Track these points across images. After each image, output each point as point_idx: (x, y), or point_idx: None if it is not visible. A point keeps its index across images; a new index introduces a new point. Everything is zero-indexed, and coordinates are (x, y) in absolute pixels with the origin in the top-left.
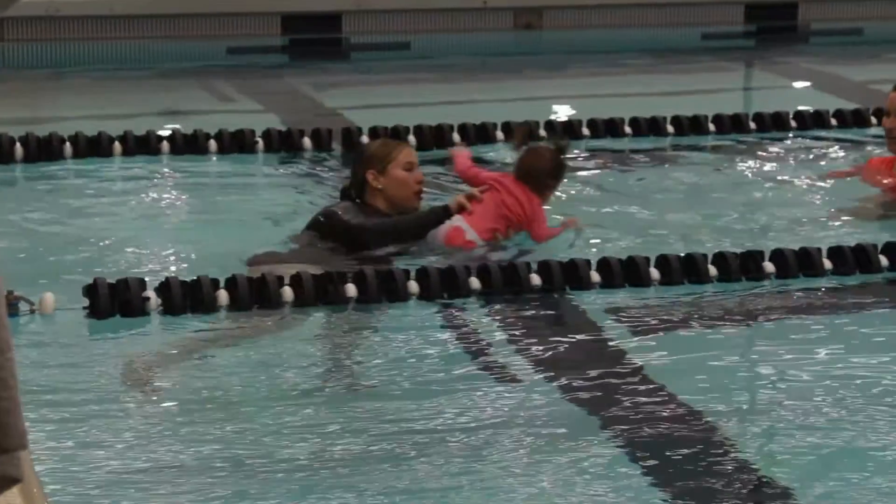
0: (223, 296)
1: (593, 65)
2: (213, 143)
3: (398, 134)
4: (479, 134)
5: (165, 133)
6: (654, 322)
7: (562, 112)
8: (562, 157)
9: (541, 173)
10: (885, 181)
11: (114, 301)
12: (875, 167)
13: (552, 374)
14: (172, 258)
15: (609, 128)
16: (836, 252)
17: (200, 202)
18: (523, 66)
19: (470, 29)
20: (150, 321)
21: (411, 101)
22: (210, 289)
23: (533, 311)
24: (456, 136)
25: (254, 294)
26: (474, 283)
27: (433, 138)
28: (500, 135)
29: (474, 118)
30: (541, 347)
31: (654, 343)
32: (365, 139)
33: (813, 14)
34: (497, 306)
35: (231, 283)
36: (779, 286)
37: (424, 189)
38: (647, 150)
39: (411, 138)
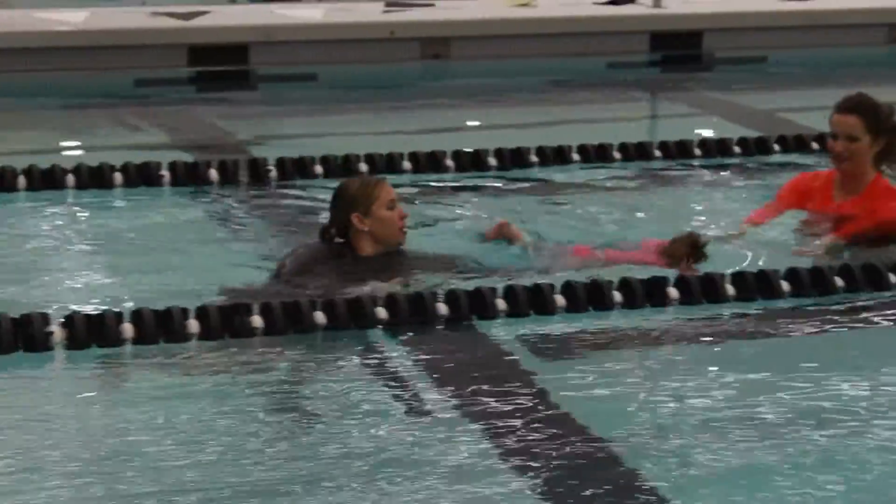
0: (128, 329)
1: (500, 94)
2: (118, 176)
3: (304, 165)
4: (387, 164)
5: (70, 166)
6: (560, 349)
7: (469, 142)
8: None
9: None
10: (825, 205)
11: (17, 336)
12: (808, 182)
13: (458, 403)
14: (77, 292)
15: (515, 157)
16: (738, 277)
17: (106, 235)
18: (431, 95)
19: (377, 60)
20: (53, 356)
21: (319, 132)
22: (114, 322)
23: (440, 341)
24: (363, 166)
25: (160, 327)
26: (381, 312)
27: (341, 169)
28: (406, 164)
29: (382, 148)
30: (447, 376)
31: (561, 370)
32: (271, 169)
33: (717, 43)
34: (405, 336)
35: (137, 316)
36: (684, 312)
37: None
38: (553, 179)
39: (318, 168)
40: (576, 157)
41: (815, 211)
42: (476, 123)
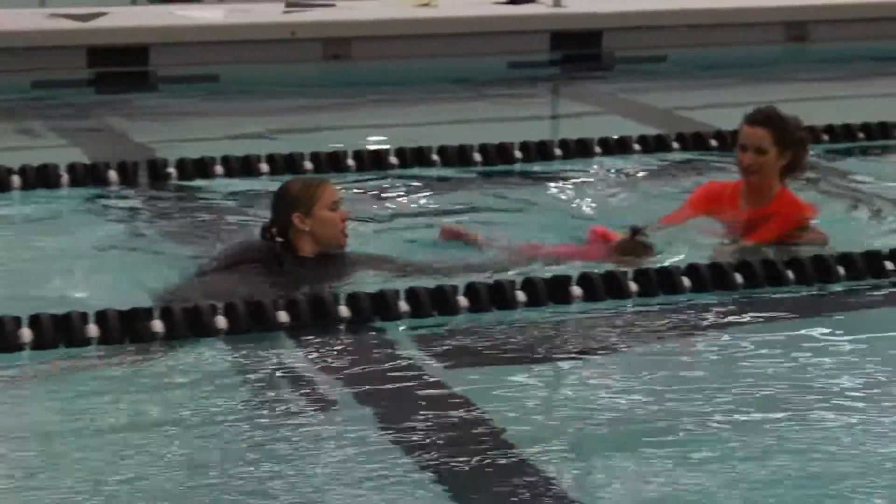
0: (26, 334)
1: (402, 94)
2: (16, 179)
3: (205, 165)
4: (287, 164)
5: None
6: (463, 349)
7: (371, 141)
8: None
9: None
10: (732, 214)
11: None
12: (717, 190)
13: (361, 405)
14: None
15: (418, 156)
16: (642, 274)
17: (4, 239)
18: (333, 96)
19: (279, 60)
20: None
21: (220, 134)
22: (13, 326)
23: (342, 342)
24: (264, 166)
25: (59, 332)
26: (282, 316)
27: (241, 169)
28: (308, 164)
29: (283, 149)
30: (349, 378)
31: (465, 370)
32: (172, 171)
33: (617, 42)
34: (306, 338)
35: (34, 321)
36: (588, 310)
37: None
38: (455, 177)
39: (218, 168)
40: (477, 156)
41: (722, 219)
42: (378, 123)
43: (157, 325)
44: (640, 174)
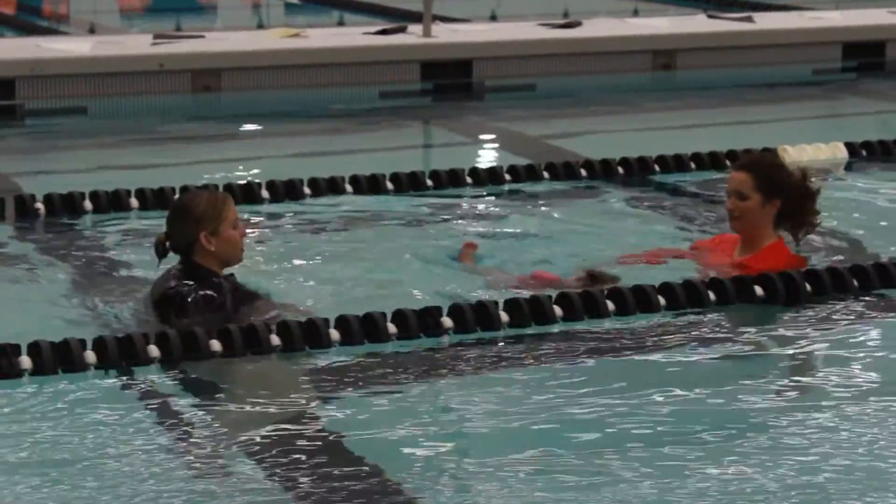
0: None
1: (271, 126)
2: None
3: (74, 201)
4: (156, 199)
5: None
6: (338, 382)
7: (241, 174)
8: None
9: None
10: (726, 261)
11: None
12: (720, 239)
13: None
14: None
15: (288, 189)
16: (512, 304)
17: None
18: (203, 128)
19: (148, 91)
20: None
21: (89, 167)
22: None
23: (210, 377)
24: (134, 202)
25: None
26: (153, 350)
27: (110, 204)
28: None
29: (153, 182)
30: (218, 412)
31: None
32: (40, 206)
33: (487, 71)
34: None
35: None
36: (457, 341)
37: None
38: (330, 207)
39: (87, 203)
40: (348, 188)
41: (703, 262)
42: (248, 155)
43: (25, 362)
44: (510, 205)
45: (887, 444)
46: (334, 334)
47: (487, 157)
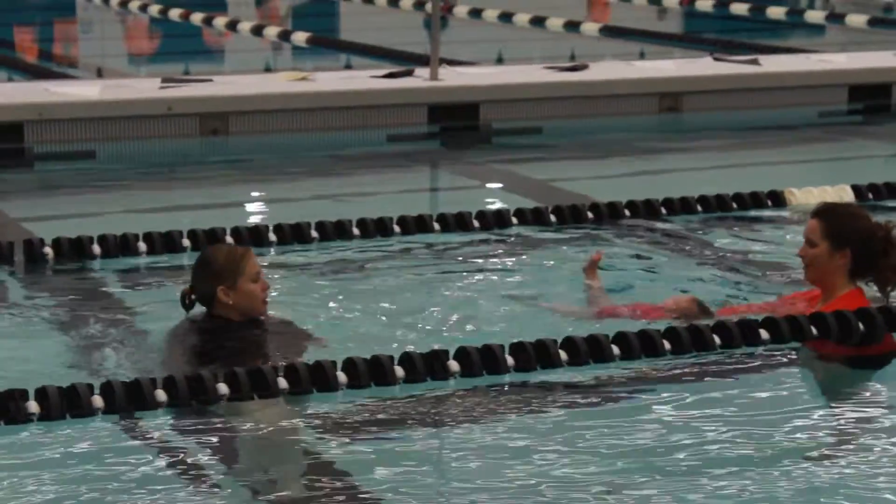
0: None
1: (280, 169)
2: None
3: (82, 245)
4: (165, 243)
5: None
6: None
7: (251, 217)
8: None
9: None
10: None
11: None
12: (809, 291)
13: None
14: None
15: (296, 233)
16: (518, 347)
17: None
18: (211, 171)
19: (156, 135)
20: None
21: (97, 211)
22: None
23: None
24: (142, 245)
25: None
26: (161, 395)
27: (118, 248)
28: (186, 242)
29: (161, 226)
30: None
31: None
32: (48, 250)
33: (493, 114)
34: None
35: None
36: (464, 385)
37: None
38: (335, 251)
39: (96, 248)
40: (356, 231)
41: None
42: (256, 198)
43: (32, 406)
44: (517, 248)
45: None
46: (342, 377)
47: (494, 200)
